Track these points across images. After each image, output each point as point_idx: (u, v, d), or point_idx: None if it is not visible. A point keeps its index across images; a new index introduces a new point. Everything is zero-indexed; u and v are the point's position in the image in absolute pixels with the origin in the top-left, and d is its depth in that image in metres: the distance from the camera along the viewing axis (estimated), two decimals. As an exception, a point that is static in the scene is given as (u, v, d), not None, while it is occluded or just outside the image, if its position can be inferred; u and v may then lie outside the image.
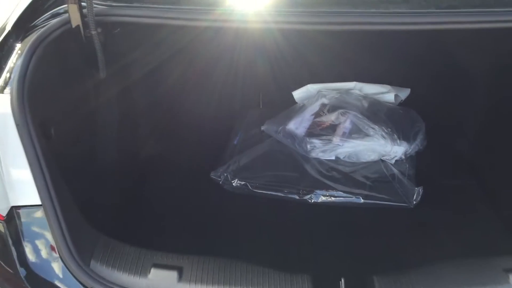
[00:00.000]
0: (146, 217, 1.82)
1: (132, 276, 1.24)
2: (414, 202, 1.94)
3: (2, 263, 1.25)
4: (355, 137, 2.17)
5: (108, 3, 1.35)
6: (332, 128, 2.24)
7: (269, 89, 2.65)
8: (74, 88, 1.47)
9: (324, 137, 2.19)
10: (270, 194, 2.01)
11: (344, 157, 2.18)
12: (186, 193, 2.01)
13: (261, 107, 2.66)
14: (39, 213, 1.22)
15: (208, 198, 1.99)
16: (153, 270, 1.26)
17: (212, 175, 2.08)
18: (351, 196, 1.98)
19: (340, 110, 2.28)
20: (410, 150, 2.18)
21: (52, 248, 1.23)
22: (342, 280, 1.31)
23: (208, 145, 2.34)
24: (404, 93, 2.45)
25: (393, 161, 2.15)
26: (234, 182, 2.04)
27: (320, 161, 2.16)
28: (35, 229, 1.24)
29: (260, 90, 2.66)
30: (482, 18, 1.38)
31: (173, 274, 1.26)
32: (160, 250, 1.35)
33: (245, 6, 1.46)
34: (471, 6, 1.40)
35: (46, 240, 1.24)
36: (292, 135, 2.25)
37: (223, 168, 2.10)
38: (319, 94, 2.41)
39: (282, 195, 2.00)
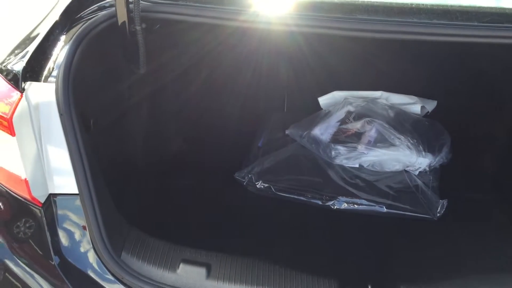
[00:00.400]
0: (172, 214, 1.84)
1: (161, 270, 1.26)
2: (438, 215, 1.94)
3: (37, 249, 1.27)
4: (380, 146, 2.18)
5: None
6: (357, 136, 2.25)
7: (293, 94, 2.66)
8: (113, 83, 1.50)
9: (349, 144, 2.20)
10: (293, 197, 2.02)
11: (368, 166, 2.18)
12: (211, 192, 2.03)
13: (285, 110, 2.67)
14: (77, 202, 1.24)
15: (232, 198, 2.01)
16: (182, 265, 1.27)
17: (237, 175, 2.09)
18: (374, 204, 1.98)
19: (366, 119, 2.28)
20: (435, 162, 2.18)
21: (86, 238, 1.25)
22: (369, 287, 1.31)
23: (233, 146, 2.35)
24: (431, 105, 2.45)
25: (417, 172, 2.16)
26: (258, 184, 2.05)
27: (343, 168, 2.17)
28: (71, 217, 1.26)
29: (285, 94, 2.67)
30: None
31: (202, 271, 1.27)
32: (188, 246, 1.36)
33: (274, 8, 1.47)
34: (508, 22, 1.40)
35: (81, 229, 1.26)
36: (316, 141, 2.25)
37: (247, 169, 2.12)
38: (345, 101, 2.42)
39: (305, 199, 2.01)
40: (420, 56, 2.32)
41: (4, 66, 1.36)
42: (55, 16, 1.38)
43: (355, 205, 1.99)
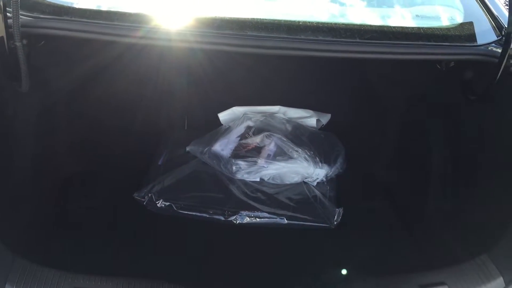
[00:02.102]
0: (68, 239, 1.74)
1: (52, 301, 1.18)
2: (335, 223, 2.01)
3: None
4: (280, 159, 2.23)
5: (35, 14, 1.30)
6: (257, 150, 2.29)
7: (194, 111, 2.65)
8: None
9: (249, 159, 2.23)
10: (195, 215, 2.00)
11: (268, 179, 2.22)
12: (109, 214, 1.95)
13: (186, 128, 2.65)
14: None
15: (131, 220, 1.94)
16: (74, 294, 1.20)
17: (136, 195, 2.03)
18: (275, 217, 2.02)
19: (265, 133, 2.33)
20: (331, 172, 2.28)
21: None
22: None
23: (131, 165, 2.28)
24: (325, 118, 2.56)
25: (315, 183, 2.23)
26: (158, 203, 2.00)
27: (245, 183, 2.19)
28: None
29: (186, 111, 2.66)
30: (396, 49, 1.49)
31: (96, 298, 1.20)
32: (82, 272, 1.29)
33: (172, 25, 1.47)
34: (388, 38, 1.51)
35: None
36: (217, 156, 2.26)
37: (147, 189, 2.06)
38: (244, 116, 2.45)
39: (208, 216, 2.00)
40: (312, 71, 2.43)
41: None
42: None
43: (257, 219, 2.01)
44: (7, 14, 1.22)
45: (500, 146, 1.59)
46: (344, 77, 2.40)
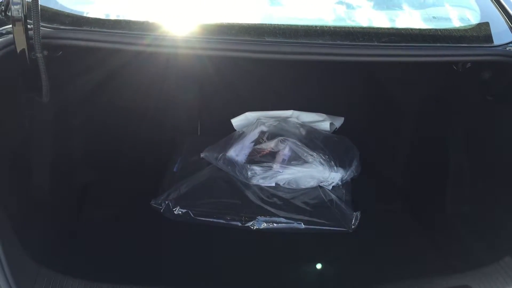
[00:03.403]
0: (88, 248, 1.74)
1: (78, 311, 1.18)
2: (353, 227, 2.00)
3: None
4: (294, 164, 2.22)
5: (55, 25, 1.31)
6: (272, 155, 2.28)
7: (207, 117, 2.65)
8: (10, 111, 1.39)
9: (264, 164, 2.22)
10: (212, 221, 2.00)
11: (284, 184, 2.21)
12: (126, 222, 1.95)
13: (199, 134, 2.65)
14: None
15: (150, 228, 1.94)
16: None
17: (153, 203, 2.03)
18: (293, 222, 2.01)
19: (279, 138, 2.32)
20: (346, 176, 2.27)
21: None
22: None
23: (146, 173, 2.29)
24: (339, 122, 2.55)
25: (330, 187, 2.22)
26: (175, 210, 2.00)
27: (260, 188, 2.18)
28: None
29: (198, 118, 2.66)
30: (414, 52, 1.49)
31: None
32: (106, 281, 1.29)
33: (190, 33, 1.47)
34: (406, 41, 1.50)
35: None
36: (232, 162, 2.25)
37: (163, 196, 2.06)
38: (258, 121, 2.45)
39: (225, 222, 2.00)
40: (326, 75, 2.42)
41: None
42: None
43: (274, 224, 2.01)
44: (28, 26, 1.23)
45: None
46: (359, 81, 2.39)
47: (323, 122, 2.52)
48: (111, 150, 2.36)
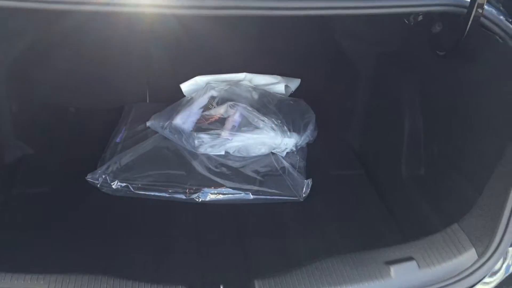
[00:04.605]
0: (14, 228, 1.61)
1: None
2: (304, 195, 1.89)
3: None
4: (245, 131, 2.09)
5: None
6: (221, 122, 2.15)
7: (156, 83, 2.49)
8: None
9: (212, 132, 2.09)
10: (154, 195, 1.86)
11: (234, 152, 2.09)
12: (61, 199, 1.81)
13: (148, 101, 2.50)
14: None
15: (85, 204, 1.80)
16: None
17: (89, 177, 1.88)
18: (241, 192, 1.89)
19: (229, 103, 2.18)
20: (301, 141, 2.15)
21: None
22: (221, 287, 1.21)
23: (89, 144, 2.14)
24: (294, 84, 2.41)
25: (284, 154, 2.10)
26: (113, 184, 1.87)
27: (209, 157, 2.05)
28: None
29: (147, 84, 2.49)
30: (359, 3, 1.34)
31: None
32: (23, 269, 1.16)
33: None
34: None
35: None
36: (179, 130, 2.11)
37: (101, 170, 1.92)
38: (207, 86, 2.30)
39: (167, 195, 1.87)
40: (278, 34, 2.27)
41: None
42: None
43: (221, 195, 1.89)
44: None
45: (474, 107, 1.46)
46: (314, 39, 2.24)
47: (277, 85, 2.37)
48: (49, 121, 2.21)
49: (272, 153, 2.10)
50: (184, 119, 2.15)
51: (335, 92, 2.32)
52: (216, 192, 1.89)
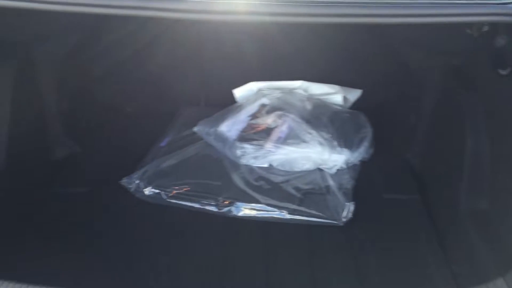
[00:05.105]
0: (42, 229, 1.62)
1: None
2: (344, 219, 1.72)
3: None
4: (290, 143, 1.95)
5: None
6: (268, 132, 2.03)
7: (212, 87, 2.43)
8: None
9: (256, 142, 1.97)
10: (186, 205, 1.79)
11: (277, 165, 1.96)
12: (94, 201, 1.80)
13: (202, 105, 2.44)
14: None
15: (115, 208, 1.77)
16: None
17: (123, 181, 1.85)
18: (276, 210, 1.76)
19: (278, 112, 2.06)
20: (353, 159, 1.97)
21: None
22: None
23: (137, 146, 2.12)
24: (354, 95, 2.22)
25: (333, 171, 1.93)
26: (146, 191, 1.82)
27: (251, 169, 1.94)
28: None
29: (202, 87, 2.44)
30: (427, 11, 1.16)
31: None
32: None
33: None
34: None
35: None
36: (223, 138, 2.03)
37: (138, 174, 1.88)
38: (259, 93, 2.19)
39: (199, 206, 1.78)
40: (339, 44, 2.10)
41: None
42: None
43: (254, 211, 1.76)
44: None
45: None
46: (372, 47, 2.05)
47: (335, 95, 2.20)
48: (101, 120, 2.23)
49: (320, 170, 1.94)
50: (230, 127, 2.06)
51: (396, 106, 2.10)
52: (249, 207, 1.77)
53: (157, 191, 1.82)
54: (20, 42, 1.74)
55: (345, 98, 2.20)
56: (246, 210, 1.77)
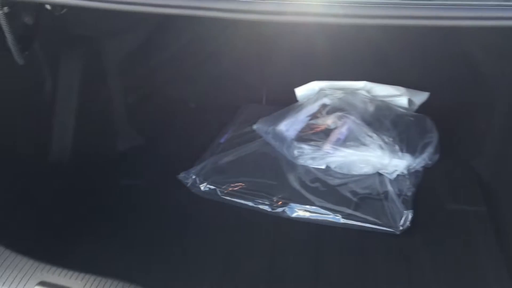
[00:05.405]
0: (98, 219, 1.69)
1: (11, 293, 1.09)
2: (401, 228, 1.65)
3: None
4: (349, 146, 1.90)
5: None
6: (326, 133, 1.98)
7: (276, 85, 2.41)
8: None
9: (313, 143, 1.94)
10: (240, 202, 1.79)
11: (335, 167, 1.91)
12: (150, 194, 1.84)
13: (264, 103, 2.43)
14: None
15: (170, 202, 1.81)
16: (36, 288, 1.10)
17: (181, 176, 1.89)
18: (330, 213, 1.72)
19: (338, 113, 2.01)
20: (415, 164, 1.89)
21: None
22: None
23: (197, 141, 2.15)
24: (420, 98, 2.12)
25: (393, 176, 1.86)
26: (202, 186, 1.84)
27: (307, 170, 1.91)
28: None
29: (265, 85, 2.43)
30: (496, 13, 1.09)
31: (55, 297, 1.09)
32: (62, 266, 1.18)
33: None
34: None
35: None
36: (281, 138, 2.01)
37: (196, 169, 1.91)
38: (320, 93, 2.15)
39: (253, 204, 1.78)
40: (406, 41, 2.01)
41: None
42: None
43: (308, 213, 1.74)
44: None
45: None
46: (441, 49, 1.94)
47: (400, 98, 2.12)
48: (165, 114, 2.28)
49: (379, 174, 1.88)
50: (288, 126, 2.03)
51: (465, 111, 1.98)
52: (303, 209, 1.74)
53: (212, 187, 1.84)
54: (90, 37, 1.82)
55: (410, 101, 2.11)
56: (299, 212, 1.75)
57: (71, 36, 1.71)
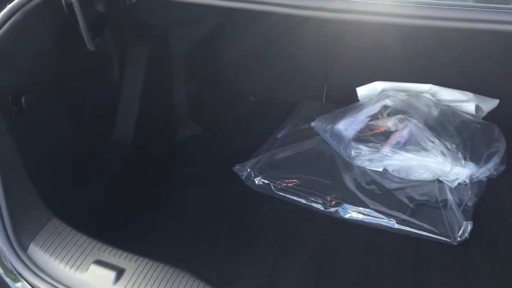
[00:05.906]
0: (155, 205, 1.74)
1: (69, 269, 1.14)
2: (459, 239, 1.59)
3: None
4: (409, 150, 1.85)
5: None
6: (386, 135, 1.94)
7: (337, 83, 2.38)
8: (61, 58, 1.39)
9: (372, 144, 1.90)
10: (293, 199, 1.79)
11: (392, 171, 1.87)
12: (208, 183, 1.87)
13: (324, 100, 2.40)
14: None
15: (225, 193, 1.84)
16: (92, 267, 1.14)
17: (236, 168, 1.91)
18: (384, 218, 1.68)
19: (400, 116, 1.95)
20: (479, 174, 1.81)
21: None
22: None
23: (254, 134, 2.17)
24: (489, 105, 2.03)
25: (454, 185, 1.80)
26: (257, 180, 1.85)
27: (363, 171, 1.88)
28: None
29: (326, 82, 2.40)
30: None
31: (111, 275, 1.13)
32: (111, 245, 1.22)
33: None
34: None
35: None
36: (339, 137, 1.98)
37: (251, 162, 1.92)
38: (382, 94, 2.09)
39: (306, 202, 1.77)
40: (477, 44, 1.92)
41: None
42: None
43: (361, 215, 1.71)
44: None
45: None
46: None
47: (467, 103, 2.03)
48: (225, 105, 2.31)
49: (439, 181, 1.81)
50: (347, 126, 2.00)
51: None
52: (357, 211, 1.72)
53: (266, 181, 1.84)
54: (158, 26, 1.86)
55: (478, 107, 2.02)
56: (353, 213, 1.72)
57: (140, 24, 1.75)
